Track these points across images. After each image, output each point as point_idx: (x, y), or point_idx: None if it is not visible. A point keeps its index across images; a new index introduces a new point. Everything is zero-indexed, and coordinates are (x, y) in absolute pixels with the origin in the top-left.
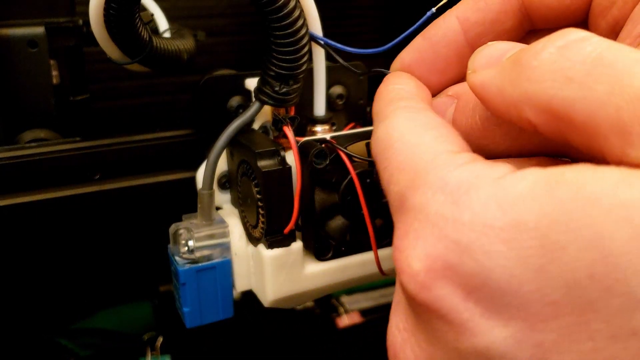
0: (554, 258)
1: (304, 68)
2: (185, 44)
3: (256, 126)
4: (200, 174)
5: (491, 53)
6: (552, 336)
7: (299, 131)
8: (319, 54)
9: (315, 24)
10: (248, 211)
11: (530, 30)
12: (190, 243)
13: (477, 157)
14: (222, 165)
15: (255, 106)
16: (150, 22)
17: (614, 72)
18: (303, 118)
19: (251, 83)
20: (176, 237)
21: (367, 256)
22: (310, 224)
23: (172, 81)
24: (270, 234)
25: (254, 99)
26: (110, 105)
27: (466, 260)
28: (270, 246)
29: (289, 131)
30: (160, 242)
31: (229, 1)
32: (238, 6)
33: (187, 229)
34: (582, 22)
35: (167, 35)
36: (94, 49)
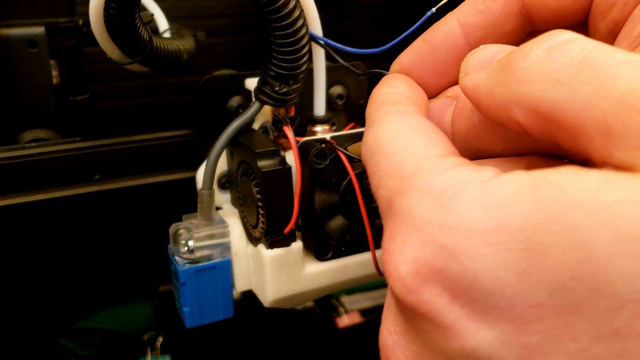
0: (537, 260)
1: (304, 68)
2: (185, 44)
3: (256, 126)
4: (200, 174)
5: (483, 56)
6: (538, 337)
7: (299, 131)
8: (319, 54)
9: (315, 24)
10: (248, 211)
11: (531, 31)
12: (190, 243)
13: (464, 160)
14: (222, 165)
15: (255, 106)
16: (150, 22)
17: (599, 74)
18: (303, 118)
19: (251, 83)
20: (176, 237)
21: (367, 256)
22: (310, 224)
23: (172, 81)
24: (270, 234)
25: (254, 99)
26: (110, 105)
27: (452, 264)
28: (270, 246)
29: (289, 131)
30: (160, 242)
31: (229, 1)
32: (238, 6)
33: (187, 229)
34: (582, 23)
35: (167, 35)
36: (94, 49)
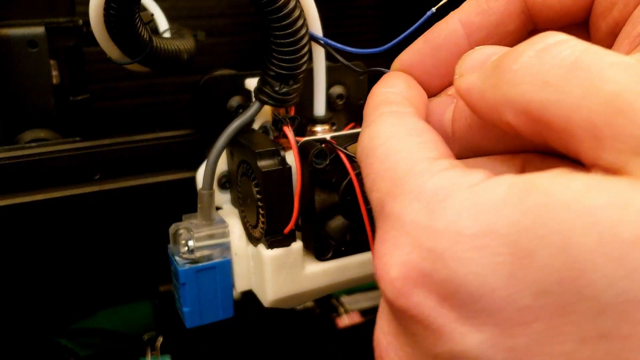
0: (524, 264)
1: (304, 68)
2: (185, 44)
3: (256, 126)
4: (200, 174)
5: (477, 57)
6: (524, 340)
7: (299, 131)
8: (319, 54)
9: (315, 24)
10: (248, 211)
11: (533, 30)
12: (190, 243)
13: (455, 163)
14: (222, 165)
15: (255, 106)
16: (150, 22)
17: (588, 76)
18: (303, 118)
19: (251, 83)
20: (176, 237)
21: (367, 256)
22: (310, 224)
23: (172, 81)
24: (270, 234)
25: (254, 99)
26: (110, 105)
27: (440, 268)
28: (270, 246)
29: (289, 131)
30: (160, 242)
31: (229, 1)
32: (238, 6)
33: (187, 229)
34: (583, 22)
35: (167, 35)
36: (94, 49)
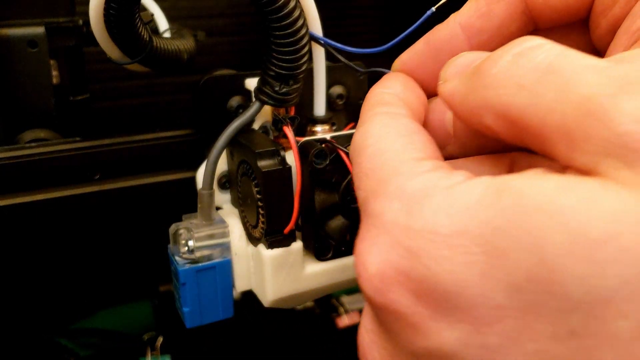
0: (496, 263)
1: (304, 68)
2: (185, 44)
3: (256, 126)
4: (200, 174)
5: (460, 63)
6: (497, 338)
7: (299, 131)
8: (319, 54)
9: (315, 24)
10: (248, 211)
11: (533, 31)
12: (190, 243)
13: (439, 164)
14: (222, 165)
15: (255, 106)
16: (150, 22)
17: (561, 79)
18: (303, 118)
19: (251, 83)
20: (176, 237)
21: None
22: (310, 224)
23: (172, 81)
24: (270, 234)
25: (254, 99)
26: (110, 105)
27: (416, 266)
28: (270, 246)
29: (289, 131)
30: (160, 242)
31: (229, 1)
32: (238, 6)
33: (187, 229)
34: (584, 20)
35: (167, 35)
36: (94, 49)
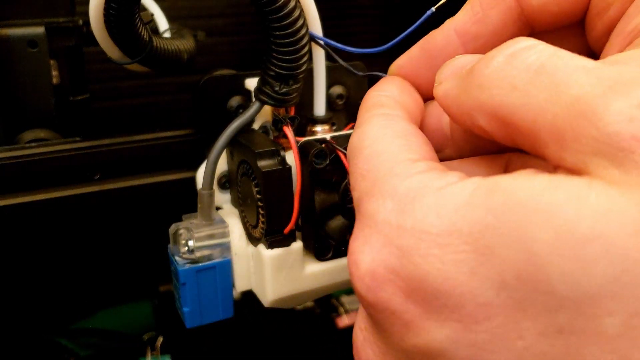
0: (484, 261)
1: (304, 68)
2: (185, 44)
3: (256, 126)
4: (200, 174)
5: (455, 65)
6: (486, 336)
7: (299, 131)
8: (319, 54)
9: (315, 24)
10: (248, 211)
11: (529, 34)
12: (190, 243)
13: (433, 165)
14: (222, 165)
15: (255, 106)
16: (150, 22)
17: (553, 80)
18: (303, 118)
19: (251, 83)
20: (176, 237)
21: None
22: (310, 224)
23: (172, 81)
24: (270, 234)
25: (254, 99)
26: (110, 105)
27: (406, 264)
28: (270, 246)
29: (289, 131)
30: (160, 242)
31: (228, 1)
32: (238, 6)
33: (187, 229)
34: (579, 22)
35: (167, 35)
36: (94, 49)
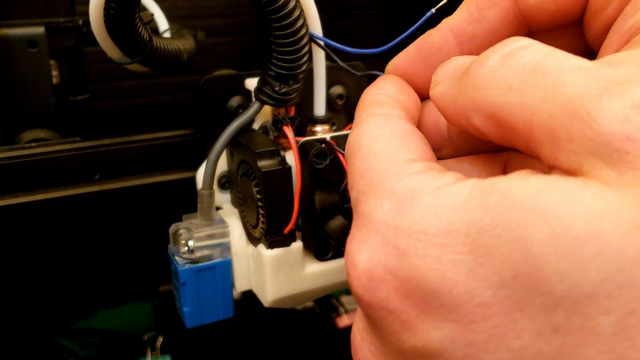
0: (481, 262)
1: (304, 68)
2: (185, 44)
3: (256, 126)
4: (200, 174)
5: (451, 66)
6: (483, 336)
7: (299, 131)
8: (319, 54)
9: (315, 24)
10: (248, 211)
11: (527, 34)
12: (190, 243)
13: (431, 165)
14: (222, 165)
15: (255, 106)
16: (150, 22)
17: (548, 80)
18: (303, 118)
19: (251, 83)
20: (176, 237)
21: None
22: (310, 224)
23: (172, 81)
24: (270, 234)
25: (254, 99)
26: (110, 105)
27: (403, 265)
28: (270, 246)
29: (289, 131)
30: (160, 242)
31: (228, 1)
32: (238, 6)
33: (187, 229)
34: (578, 21)
35: (167, 35)
36: (94, 49)
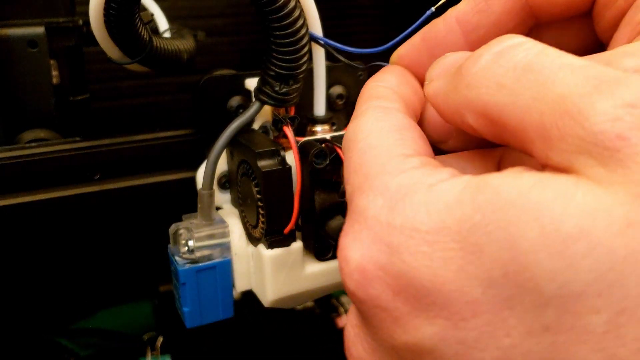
0: (472, 259)
1: (304, 68)
2: (185, 44)
3: (256, 126)
4: (200, 174)
5: (445, 63)
6: (474, 333)
7: (299, 131)
8: (319, 54)
9: (315, 24)
10: (248, 211)
11: (534, 25)
12: (190, 243)
13: (426, 161)
14: (222, 165)
15: (255, 106)
16: (150, 22)
17: (540, 78)
18: (303, 118)
19: (251, 83)
20: (176, 237)
21: None
22: (310, 224)
23: (172, 81)
24: (270, 234)
25: (254, 99)
26: (110, 105)
27: (395, 261)
28: (270, 246)
29: (289, 131)
30: (160, 242)
31: (228, 1)
32: (238, 6)
33: (187, 229)
34: (587, 13)
35: (167, 35)
36: (94, 49)
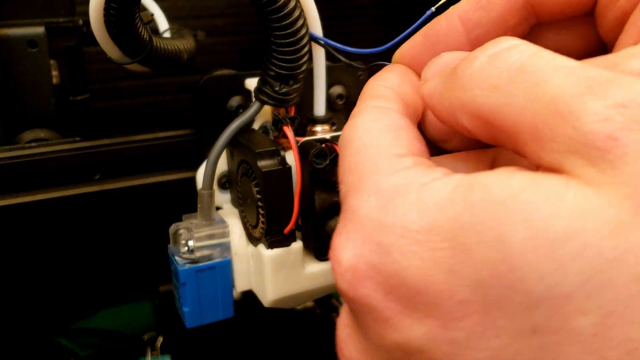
0: (462, 259)
1: (304, 68)
2: (185, 44)
3: (256, 126)
4: (200, 174)
5: (440, 63)
6: (463, 333)
7: (299, 131)
8: (319, 54)
9: (315, 24)
10: (248, 211)
11: (535, 24)
12: (190, 243)
13: (420, 161)
14: (222, 165)
15: (255, 106)
16: (150, 22)
17: (533, 80)
18: (303, 118)
19: (251, 83)
20: (176, 237)
21: None
22: (310, 224)
23: (172, 81)
24: (270, 234)
25: (254, 99)
26: (110, 105)
27: (386, 261)
28: (270, 246)
29: (289, 131)
30: (160, 242)
31: (228, 1)
32: (238, 6)
33: (187, 229)
34: (589, 13)
35: (167, 35)
36: (94, 49)
